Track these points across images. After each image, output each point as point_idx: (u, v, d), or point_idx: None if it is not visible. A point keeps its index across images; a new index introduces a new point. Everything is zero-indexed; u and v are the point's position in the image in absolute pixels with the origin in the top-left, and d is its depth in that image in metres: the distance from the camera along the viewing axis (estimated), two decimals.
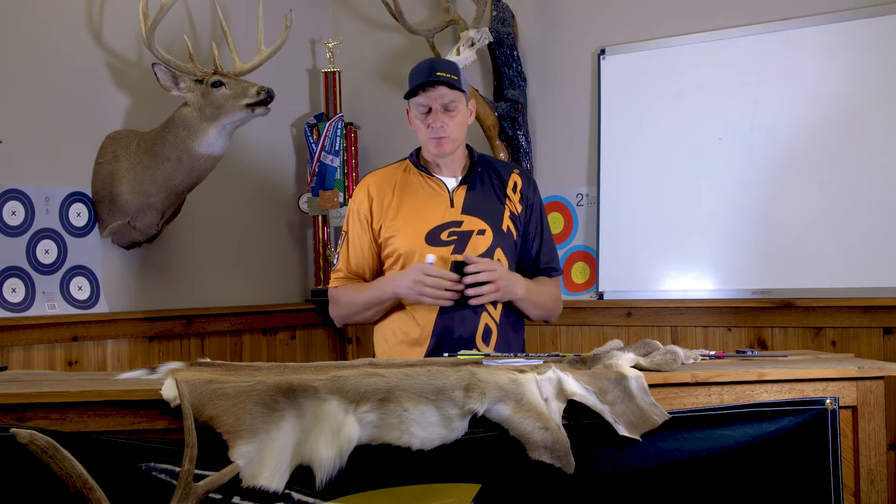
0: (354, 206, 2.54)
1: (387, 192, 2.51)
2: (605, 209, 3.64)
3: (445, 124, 2.42)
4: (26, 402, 1.68)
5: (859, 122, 3.17)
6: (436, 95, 2.40)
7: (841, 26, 3.22)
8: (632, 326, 3.59)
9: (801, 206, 3.25)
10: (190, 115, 3.13)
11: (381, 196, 2.50)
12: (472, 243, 2.44)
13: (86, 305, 3.25)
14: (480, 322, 2.42)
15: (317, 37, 4.27)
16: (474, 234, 2.45)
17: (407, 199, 2.49)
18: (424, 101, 2.41)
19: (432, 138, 2.43)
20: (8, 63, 3.06)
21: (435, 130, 2.41)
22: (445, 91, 2.40)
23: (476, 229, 2.45)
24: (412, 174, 2.53)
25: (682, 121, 3.49)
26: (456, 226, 2.45)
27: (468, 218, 2.46)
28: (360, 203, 2.52)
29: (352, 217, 2.54)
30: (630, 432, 1.77)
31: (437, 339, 2.40)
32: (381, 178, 2.55)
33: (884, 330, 3.13)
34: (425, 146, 2.48)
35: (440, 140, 2.43)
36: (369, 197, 2.51)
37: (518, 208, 2.53)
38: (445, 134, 2.42)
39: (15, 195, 3.06)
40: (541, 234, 2.59)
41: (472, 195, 2.50)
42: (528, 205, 2.56)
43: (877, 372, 1.93)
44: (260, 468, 1.60)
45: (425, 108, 2.42)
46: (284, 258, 4.13)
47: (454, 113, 2.43)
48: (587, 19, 3.75)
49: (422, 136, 2.47)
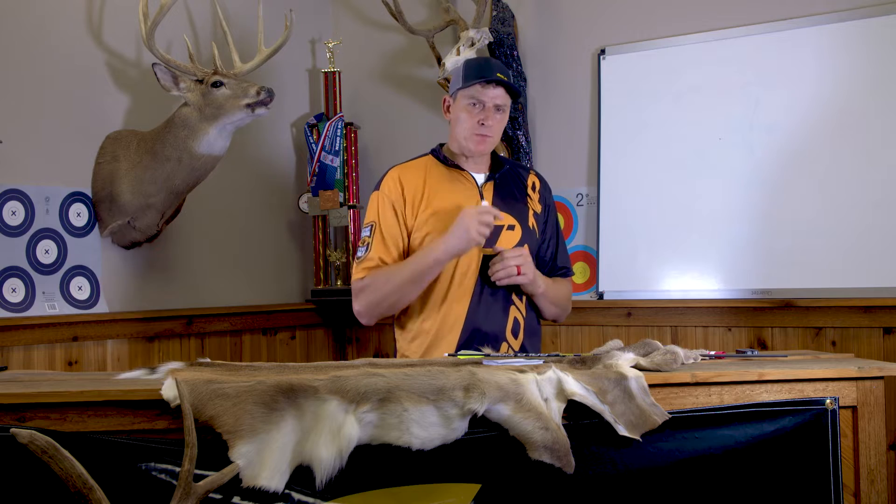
0: (385, 196, 2.47)
1: (417, 183, 2.48)
2: (605, 209, 3.64)
3: (494, 124, 2.45)
4: (26, 402, 1.68)
5: (859, 121, 3.17)
6: (494, 94, 2.42)
7: (840, 26, 3.22)
8: (632, 326, 3.59)
9: (801, 206, 3.25)
10: (190, 115, 3.13)
11: (412, 187, 2.47)
12: (502, 238, 2.46)
13: (86, 305, 3.25)
14: (510, 316, 2.46)
15: (317, 37, 4.27)
16: (504, 228, 2.47)
17: (438, 191, 2.47)
18: (480, 96, 2.42)
19: (478, 134, 2.44)
20: (8, 63, 3.06)
21: (485, 128, 2.43)
22: (502, 93, 2.44)
23: (506, 224, 2.47)
24: (438, 167, 2.52)
25: (682, 121, 3.49)
26: None
27: None
28: (391, 192, 2.47)
29: (383, 206, 2.47)
30: (630, 432, 1.77)
31: (469, 334, 2.41)
32: (411, 170, 2.52)
33: (884, 330, 3.13)
34: (465, 140, 2.46)
35: (485, 138, 2.45)
36: (401, 186, 2.47)
37: (538, 208, 2.57)
38: (492, 133, 2.45)
39: (15, 195, 3.06)
40: (556, 236, 2.63)
41: (499, 191, 2.52)
42: (546, 205, 2.60)
43: (877, 372, 1.93)
44: (260, 468, 1.60)
45: (478, 103, 2.43)
46: (284, 258, 4.13)
47: (502, 116, 2.47)
48: (587, 19, 3.75)
49: (464, 130, 2.45)
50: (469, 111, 2.43)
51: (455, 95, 2.48)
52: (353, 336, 4.29)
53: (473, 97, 2.43)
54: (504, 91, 2.44)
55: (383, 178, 2.52)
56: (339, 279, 4.03)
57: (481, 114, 2.43)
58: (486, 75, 2.41)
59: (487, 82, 2.41)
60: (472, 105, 2.43)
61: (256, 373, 1.78)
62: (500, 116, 2.46)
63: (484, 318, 2.43)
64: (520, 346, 2.49)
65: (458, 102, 2.46)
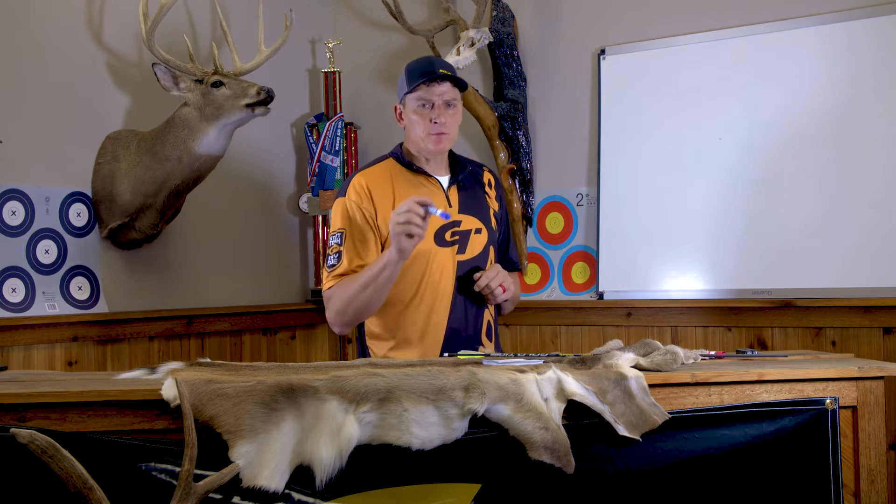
0: (353, 203, 2.42)
1: (385, 190, 2.44)
2: (605, 209, 3.64)
3: (447, 121, 2.42)
4: (26, 402, 1.68)
5: (859, 121, 3.17)
6: (440, 91, 2.40)
7: (840, 26, 3.22)
8: (632, 326, 3.59)
9: (801, 206, 3.25)
10: (190, 115, 3.13)
11: (380, 194, 2.43)
12: (471, 242, 2.47)
13: (86, 305, 3.25)
14: (484, 320, 2.51)
15: (317, 37, 4.27)
16: (472, 232, 2.48)
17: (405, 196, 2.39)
18: (428, 95, 2.40)
19: (433, 134, 2.41)
20: (8, 63, 3.06)
21: (438, 126, 2.40)
22: (448, 87, 2.41)
23: (473, 228, 2.49)
24: (403, 172, 2.49)
25: (682, 121, 3.49)
26: (456, 225, 2.47)
27: (465, 217, 2.49)
28: (359, 199, 2.42)
29: (352, 212, 2.42)
30: (630, 432, 1.77)
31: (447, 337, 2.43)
32: (375, 176, 2.47)
33: (884, 330, 3.13)
34: (422, 142, 2.43)
35: (441, 136, 2.42)
36: (368, 192, 2.43)
37: (496, 206, 2.59)
38: (447, 130, 2.42)
39: (15, 195, 3.06)
40: (508, 231, 2.67)
41: (464, 195, 2.52)
42: (500, 202, 2.63)
43: (877, 372, 1.93)
44: (260, 468, 1.60)
45: (426, 103, 2.40)
46: (284, 258, 4.13)
47: (454, 111, 2.44)
48: (587, 19, 3.75)
49: (419, 132, 2.42)
50: (420, 113, 2.41)
51: (403, 101, 2.46)
52: (354, 336, 4.29)
53: (421, 98, 2.41)
54: (451, 85, 2.41)
55: (348, 184, 2.47)
56: None
57: (432, 112, 2.40)
58: (427, 73, 2.39)
59: (432, 80, 2.38)
60: (422, 106, 2.41)
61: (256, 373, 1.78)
62: (452, 111, 2.43)
63: (463, 323, 2.45)
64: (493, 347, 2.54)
65: (408, 106, 2.44)
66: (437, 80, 2.39)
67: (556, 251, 3.78)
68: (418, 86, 2.39)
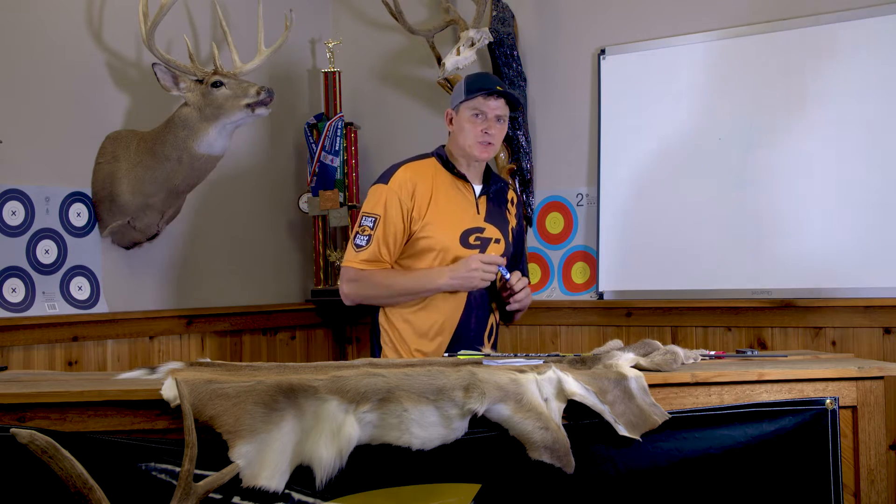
0: (395, 193, 2.55)
1: (427, 186, 2.59)
2: (605, 209, 3.64)
3: (496, 133, 2.60)
4: (26, 402, 1.68)
5: (859, 121, 3.17)
6: (496, 105, 2.58)
7: (841, 26, 3.22)
8: (632, 326, 3.59)
9: (802, 206, 3.25)
10: (190, 115, 3.13)
11: (422, 190, 2.58)
12: (489, 249, 2.65)
13: (86, 305, 3.25)
14: (489, 323, 2.67)
15: (317, 37, 4.27)
16: (492, 241, 2.65)
17: (443, 196, 2.59)
18: (482, 107, 2.57)
19: (481, 142, 2.58)
20: (8, 63, 3.06)
21: (488, 137, 2.58)
22: (502, 104, 2.60)
23: (494, 237, 2.66)
24: (443, 173, 2.64)
25: (682, 121, 3.49)
26: (480, 231, 2.63)
27: (489, 226, 2.66)
28: (401, 190, 2.56)
29: (390, 202, 2.55)
30: (630, 432, 1.77)
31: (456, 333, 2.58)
32: (421, 171, 2.61)
33: (884, 330, 3.13)
34: (469, 148, 2.59)
35: (489, 146, 2.59)
36: (412, 186, 2.57)
37: (514, 222, 2.77)
38: (494, 141, 2.60)
39: (15, 195, 3.06)
40: (523, 247, 2.85)
41: (491, 206, 2.69)
42: (518, 220, 2.80)
43: (877, 372, 1.93)
44: (260, 468, 1.60)
45: (480, 113, 2.57)
46: (284, 258, 4.13)
47: (503, 126, 2.63)
48: (587, 19, 3.75)
49: (469, 139, 2.58)
50: (472, 121, 2.58)
51: (458, 108, 2.62)
52: (353, 336, 4.29)
53: (476, 108, 2.58)
54: (504, 102, 2.60)
55: (393, 173, 2.60)
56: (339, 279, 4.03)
57: (484, 123, 2.58)
58: (490, 87, 2.57)
59: (489, 94, 2.56)
60: (475, 116, 2.58)
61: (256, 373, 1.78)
62: (501, 126, 2.62)
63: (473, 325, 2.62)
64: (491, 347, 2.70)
65: (462, 114, 2.60)
66: (494, 95, 2.57)
67: (556, 251, 3.79)
68: (476, 96, 2.56)
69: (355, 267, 2.57)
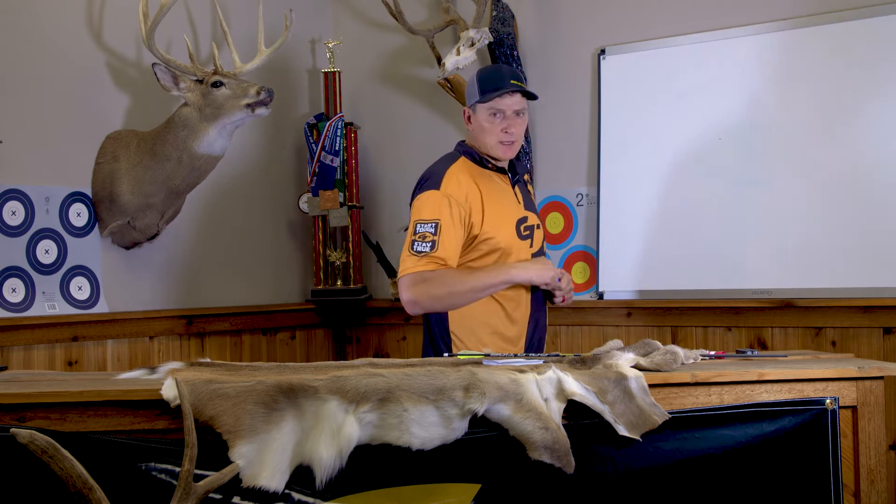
0: (452, 199, 2.47)
1: (473, 187, 2.52)
2: (605, 209, 3.64)
3: (517, 130, 2.53)
4: (26, 402, 1.68)
5: (859, 121, 3.17)
6: (512, 102, 2.50)
7: (841, 26, 3.22)
8: (632, 326, 3.59)
9: (802, 205, 3.25)
10: (190, 115, 3.13)
11: (472, 190, 2.51)
12: (535, 236, 2.62)
13: (86, 305, 3.25)
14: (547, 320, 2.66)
15: (317, 37, 4.27)
16: (535, 228, 2.63)
17: (489, 194, 2.53)
18: (499, 106, 2.50)
19: (503, 143, 2.52)
20: (8, 63, 3.06)
21: (509, 136, 2.52)
22: (519, 98, 2.51)
23: (535, 224, 2.64)
24: (477, 169, 2.57)
25: (682, 121, 3.49)
26: (524, 221, 2.59)
27: (529, 214, 2.63)
28: (456, 195, 2.47)
29: (451, 206, 2.46)
30: (630, 432, 1.77)
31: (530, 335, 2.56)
32: (464, 174, 2.53)
33: (884, 330, 3.13)
34: (492, 149, 2.54)
35: (512, 144, 2.53)
36: (465, 191, 2.49)
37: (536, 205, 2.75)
38: (516, 138, 2.54)
39: (15, 195, 3.06)
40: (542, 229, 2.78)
41: (523, 191, 2.66)
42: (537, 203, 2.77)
43: (877, 372, 1.93)
44: (260, 468, 1.60)
45: (497, 112, 2.50)
46: (284, 258, 4.13)
47: (523, 118, 2.55)
48: (587, 19, 3.75)
49: (490, 140, 2.52)
50: (491, 122, 2.52)
51: (474, 107, 2.55)
52: (353, 336, 4.29)
53: (493, 108, 2.50)
54: (521, 96, 2.51)
55: (441, 179, 2.51)
56: (339, 279, 4.03)
57: (503, 122, 2.51)
58: (501, 86, 2.49)
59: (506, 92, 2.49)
60: (494, 115, 2.51)
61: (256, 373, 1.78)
62: (521, 119, 2.55)
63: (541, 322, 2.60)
64: None
65: (479, 114, 2.54)
66: (510, 93, 2.49)
67: (557, 251, 3.79)
68: (492, 97, 2.49)
69: (423, 269, 2.44)
